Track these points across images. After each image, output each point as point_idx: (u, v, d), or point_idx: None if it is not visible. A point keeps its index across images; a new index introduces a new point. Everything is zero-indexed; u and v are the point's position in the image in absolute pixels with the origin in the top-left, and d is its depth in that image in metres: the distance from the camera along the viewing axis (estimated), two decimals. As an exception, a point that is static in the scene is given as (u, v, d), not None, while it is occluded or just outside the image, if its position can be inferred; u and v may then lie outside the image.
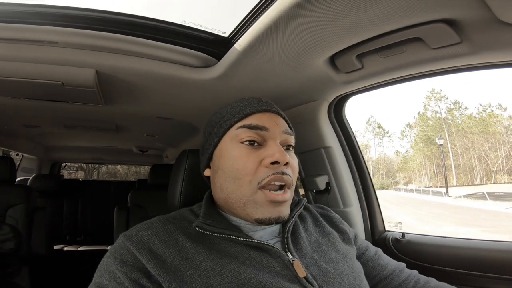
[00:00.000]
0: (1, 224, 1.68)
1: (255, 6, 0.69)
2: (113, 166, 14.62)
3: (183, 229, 0.55)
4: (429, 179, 29.14)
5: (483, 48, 0.61)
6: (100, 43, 0.76)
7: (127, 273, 0.48)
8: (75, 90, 0.93)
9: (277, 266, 0.53)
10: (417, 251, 0.99)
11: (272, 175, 0.54)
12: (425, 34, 0.60)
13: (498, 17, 0.50)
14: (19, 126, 2.02)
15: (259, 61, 0.79)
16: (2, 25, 0.71)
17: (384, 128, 34.61)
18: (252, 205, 0.54)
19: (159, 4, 0.79)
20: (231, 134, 0.58)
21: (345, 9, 0.56)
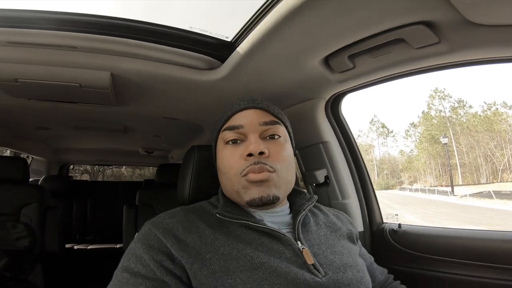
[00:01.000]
0: (16, 223, 1.73)
1: (255, 13, 0.76)
2: (118, 169, 14.68)
3: (202, 218, 0.61)
4: (434, 178, 28.91)
5: (460, 47, 0.67)
6: (115, 48, 0.84)
7: (153, 255, 0.53)
8: (91, 92, 1.01)
9: (288, 253, 0.58)
10: (413, 241, 1.04)
11: (249, 166, 0.60)
12: (407, 35, 0.67)
13: (467, 18, 0.56)
14: (31, 128, 2.09)
15: (259, 63, 0.86)
16: (25, 31, 0.78)
17: (387, 127, 34.40)
18: (241, 191, 0.62)
19: (168, 11, 0.87)
20: (220, 137, 0.68)
21: (334, 14, 0.63)
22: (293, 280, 0.53)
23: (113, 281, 0.54)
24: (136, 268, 0.53)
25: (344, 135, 1.15)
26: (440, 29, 0.64)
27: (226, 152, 0.65)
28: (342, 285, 0.57)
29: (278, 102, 1.14)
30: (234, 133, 0.64)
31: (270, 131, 0.65)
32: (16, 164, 1.86)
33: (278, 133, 0.66)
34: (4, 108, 1.44)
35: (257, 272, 0.53)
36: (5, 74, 0.91)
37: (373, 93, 35.35)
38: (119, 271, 0.54)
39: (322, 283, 0.55)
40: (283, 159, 0.64)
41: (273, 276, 0.53)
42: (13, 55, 0.84)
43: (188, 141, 2.49)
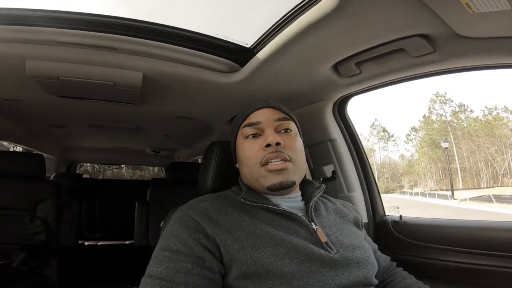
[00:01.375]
0: (33, 218, 1.76)
1: (275, 24, 0.87)
2: (118, 170, 14.68)
3: (229, 202, 0.69)
4: (435, 182, 28.91)
5: (451, 56, 0.78)
6: (150, 50, 0.95)
7: (191, 234, 0.60)
8: (122, 90, 1.11)
9: (304, 232, 0.65)
10: (413, 231, 1.12)
11: (268, 155, 0.69)
12: (407, 45, 0.78)
13: (456, 32, 0.67)
14: (45, 126, 2.16)
15: (276, 68, 0.97)
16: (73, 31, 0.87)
17: (388, 132, 34.42)
18: (261, 178, 0.70)
19: (198, 19, 0.98)
20: (240, 134, 0.76)
21: (345, 28, 0.74)
22: (310, 255, 0.60)
23: (153, 260, 0.59)
24: (176, 246, 0.59)
25: (349, 133, 1.26)
26: (435, 40, 0.74)
27: (246, 145, 0.73)
28: (352, 262, 0.63)
29: (290, 103, 1.25)
30: (253, 128, 0.73)
31: (283, 126, 0.74)
32: (33, 160, 1.90)
33: (290, 127, 0.75)
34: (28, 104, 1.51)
35: (278, 247, 0.59)
36: (49, 72, 1.00)
37: (375, 97, 35.90)
38: (160, 251, 0.60)
39: (335, 258, 0.61)
40: (297, 149, 0.72)
41: (293, 251, 0.59)
42: (59, 53, 0.94)
43: (196, 141, 2.58)
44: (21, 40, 0.90)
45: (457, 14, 0.60)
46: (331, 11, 0.67)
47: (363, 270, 0.65)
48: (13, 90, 1.29)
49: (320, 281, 0.58)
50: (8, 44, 0.91)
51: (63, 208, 1.91)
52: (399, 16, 0.68)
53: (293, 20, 0.77)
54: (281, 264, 0.57)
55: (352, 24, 0.72)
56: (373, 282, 0.67)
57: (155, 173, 7.89)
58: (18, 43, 0.91)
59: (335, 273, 0.60)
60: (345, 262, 0.62)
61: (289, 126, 0.75)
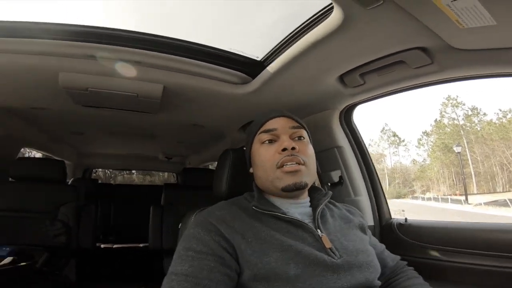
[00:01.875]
0: (54, 220, 1.82)
1: (283, 39, 0.95)
2: (129, 175, 14.93)
3: (243, 209, 0.74)
4: (448, 187, 28.27)
5: (448, 67, 0.84)
6: (170, 64, 1.04)
7: (212, 236, 0.65)
8: (144, 101, 1.20)
9: (310, 238, 0.69)
10: (418, 233, 1.15)
11: (284, 158, 0.73)
12: (407, 58, 0.84)
13: (451, 45, 0.73)
14: (66, 133, 2.29)
15: (285, 80, 1.04)
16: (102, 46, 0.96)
17: (399, 136, 33.94)
18: (276, 180, 0.74)
19: (214, 35, 1.06)
20: (257, 139, 0.81)
21: (350, 42, 0.81)
22: (314, 260, 0.64)
23: (177, 260, 0.64)
24: (198, 247, 0.64)
25: (356, 140, 1.31)
26: (432, 53, 0.80)
27: (262, 150, 0.78)
28: (354, 266, 0.67)
29: (298, 112, 1.31)
30: (269, 135, 0.78)
31: (297, 134, 0.79)
32: (56, 166, 1.98)
33: (303, 135, 0.80)
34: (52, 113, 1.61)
35: (285, 253, 0.64)
36: (79, 83, 1.10)
37: (385, 102, 36.10)
38: (183, 251, 0.65)
39: (338, 263, 0.65)
40: (309, 154, 0.78)
41: (298, 256, 0.64)
42: (88, 67, 1.03)
43: (206, 147, 2.68)
44: (55, 53, 0.99)
45: (449, 29, 0.67)
46: (336, 28, 0.74)
47: (365, 273, 0.68)
48: (41, 100, 1.39)
49: (323, 283, 0.62)
50: (42, 57, 1.01)
51: (81, 211, 1.98)
52: (398, 31, 0.75)
53: (300, 37, 0.85)
54: (287, 268, 0.62)
55: (355, 39, 0.79)
56: (375, 284, 0.71)
57: (165, 178, 8.00)
58: (53, 56, 1.00)
59: (338, 276, 0.64)
60: (347, 266, 0.66)
61: (302, 134, 0.80)
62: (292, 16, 0.91)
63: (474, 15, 0.59)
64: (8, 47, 0.96)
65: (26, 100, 1.40)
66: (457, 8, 0.58)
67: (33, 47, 0.97)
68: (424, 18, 0.65)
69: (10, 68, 1.06)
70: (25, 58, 1.00)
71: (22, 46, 0.96)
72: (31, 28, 0.94)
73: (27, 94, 1.31)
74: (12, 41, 0.95)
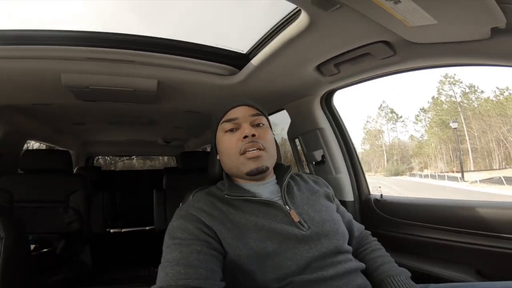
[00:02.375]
0: (67, 208, 1.93)
1: (264, 35, 1.05)
2: (129, 161, 15.03)
3: (218, 199, 0.80)
4: (445, 164, 28.58)
5: (407, 58, 0.95)
6: (163, 62, 1.14)
7: (195, 225, 0.71)
8: (141, 94, 1.32)
9: (280, 215, 0.75)
10: (393, 209, 1.26)
11: (245, 144, 0.79)
12: (372, 50, 0.95)
13: (405, 39, 0.84)
14: (68, 124, 2.37)
15: (269, 70, 1.15)
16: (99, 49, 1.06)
17: (397, 113, 33.88)
18: (240, 166, 0.81)
19: (198, 32, 1.16)
20: (220, 129, 0.86)
21: (324, 37, 0.91)
22: (286, 235, 0.71)
23: (166, 250, 0.68)
24: (183, 236, 0.69)
25: (336, 123, 1.44)
26: (394, 46, 0.91)
27: (226, 138, 0.84)
28: (322, 236, 0.74)
29: (282, 98, 1.44)
30: (231, 123, 0.83)
31: (257, 121, 0.85)
32: (62, 156, 2.07)
33: (262, 122, 0.86)
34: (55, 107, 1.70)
35: (261, 232, 0.71)
36: (81, 83, 1.20)
37: (382, 82, 35.50)
38: (170, 241, 0.69)
39: (307, 235, 0.73)
40: (269, 139, 0.84)
41: (273, 233, 0.71)
42: (88, 67, 1.14)
43: (203, 132, 2.79)
44: (57, 57, 1.09)
45: (400, 26, 0.77)
46: (305, 28, 0.85)
47: (333, 241, 0.75)
48: (44, 97, 1.49)
49: (297, 254, 0.70)
50: (45, 61, 1.10)
51: (90, 198, 2.08)
52: (360, 29, 0.85)
53: (278, 33, 0.95)
54: (265, 245, 0.69)
55: (325, 35, 0.90)
56: (345, 249, 0.78)
57: (165, 162, 8.06)
58: (55, 59, 1.10)
59: (309, 246, 0.72)
60: (316, 236, 0.74)
61: (261, 121, 0.86)
62: (272, 11, 1.01)
63: (417, 16, 0.69)
64: (13, 53, 1.05)
65: (30, 98, 1.49)
66: (401, 10, 0.68)
67: (37, 52, 1.06)
68: (377, 18, 0.75)
69: (15, 72, 1.15)
70: (30, 62, 1.09)
71: (26, 52, 1.06)
72: (34, 36, 1.03)
73: (31, 93, 1.41)
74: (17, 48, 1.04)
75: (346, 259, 0.76)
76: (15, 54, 1.06)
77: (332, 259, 0.73)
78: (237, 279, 0.70)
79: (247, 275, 0.69)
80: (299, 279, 0.69)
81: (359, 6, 0.69)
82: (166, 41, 1.11)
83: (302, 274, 0.69)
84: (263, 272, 0.68)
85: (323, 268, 0.71)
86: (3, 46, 1.03)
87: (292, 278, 0.68)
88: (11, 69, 1.13)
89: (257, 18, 1.11)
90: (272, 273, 0.68)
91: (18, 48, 1.03)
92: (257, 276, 0.68)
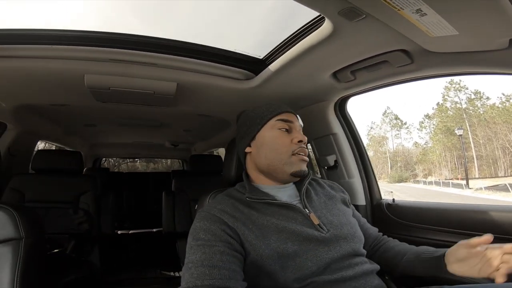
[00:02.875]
0: (77, 209, 1.92)
1: (282, 42, 1.08)
2: (132, 163, 15.01)
3: (239, 201, 0.81)
4: (450, 171, 28.37)
5: (425, 66, 0.97)
6: (183, 65, 1.17)
7: (219, 226, 0.72)
8: (159, 97, 1.34)
9: (300, 218, 0.78)
10: (404, 213, 1.27)
11: (299, 148, 0.83)
12: (390, 58, 0.97)
13: (425, 48, 0.86)
14: (80, 126, 2.38)
15: (285, 76, 1.18)
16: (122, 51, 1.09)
17: (401, 119, 33.78)
18: (288, 164, 0.83)
19: (221, 37, 1.19)
20: (270, 124, 0.87)
21: (343, 46, 0.93)
22: (306, 236, 0.74)
23: (189, 251, 0.69)
24: (207, 237, 0.70)
25: (349, 128, 1.46)
26: (411, 54, 0.93)
27: (279, 134, 0.85)
28: (340, 238, 0.77)
29: (297, 103, 1.46)
30: (286, 124, 0.86)
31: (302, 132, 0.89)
32: (73, 157, 2.08)
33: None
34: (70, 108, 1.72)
35: (282, 233, 0.73)
36: (103, 84, 1.23)
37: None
38: (193, 242, 0.70)
39: (326, 237, 0.75)
40: None
41: (293, 235, 0.73)
42: (111, 69, 1.16)
43: (211, 135, 2.79)
44: (82, 57, 1.12)
45: (422, 37, 0.79)
46: (327, 37, 0.87)
47: (351, 244, 0.77)
48: (64, 97, 1.51)
49: (317, 256, 0.72)
50: (70, 61, 1.12)
51: (100, 199, 2.09)
52: (381, 38, 0.87)
53: (297, 41, 0.98)
54: (286, 246, 0.71)
55: (345, 44, 0.92)
56: (361, 252, 0.80)
57: (168, 165, 8.06)
58: (80, 60, 1.12)
59: (328, 248, 0.74)
60: (335, 238, 0.76)
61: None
62: (290, 16, 1.03)
63: (440, 27, 0.72)
64: (38, 53, 1.07)
65: (49, 98, 1.52)
66: (425, 22, 0.70)
67: (61, 53, 1.08)
68: (401, 29, 0.77)
69: (38, 71, 1.17)
70: (54, 62, 1.11)
71: (51, 52, 1.08)
72: (59, 36, 1.06)
73: (52, 93, 1.43)
74: (42, 48, 1.06)
75: (362, 261, 0.78)
76: (39, 54, 1.08)
77: (350, 260, 0.75)
78: (258, 280, 0.72)
79: (268, 276, 0.70)
80: (320, 279, 0.70)
81: (384, 16, 0.71)
82: (187, 45, 1.14)
83: (322, 275, 0.71)
84: (284, 272, 0.70)
85: (342, 269, 0.73)
86: (28, 46, 1.05)
87: (312, 278, 0.70)
88: (34, 69, 1.14)
89: (275, 24, 1.14)
90: (293, 273, 0.70)
91: (43, 47, 1.05)
92: (279, 277, 0.70)
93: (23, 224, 0.96)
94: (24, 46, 1.05)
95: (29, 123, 1.93)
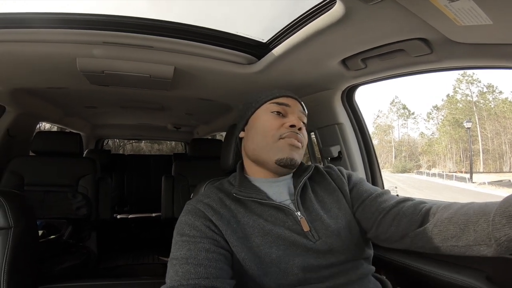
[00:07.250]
0: (75, 193, 1.90)
1: (288, 25, 0.99)
2: (137, 144, 15.09)
3: (227, 195, 0.76)
4: (454, 163, 28.15)
5: (446, 57, 0.88)
6: (181, 48, 1.10)
7: (203, 222, 0.68)
8: (156, 81, 1.28)
9: (290, 221, 0.71)
10: None
11: (290, 132, 0.75)
12: (407, 47, 0.88)
13: (449, 38, 0.77)
14: (80, 107, 2.35)
15: (289, 61, 1.10)
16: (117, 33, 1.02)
17: (409, 109, 33.26)
18: (274, 150, 0.75)
19: (220, 19, 1.11)
20: (264, 107, 0.80)
21: (354, 31, 0.84)
22: (293, 243, 0.68)
23: (174, 246, 0.66)
24: (191, 232, 0.67)
25: (356, 118, 1.38)
26: (432, 44, 0.84)
27: (269, 117, 0.78)
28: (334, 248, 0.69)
29: (301, 90, 1.38)
30: (281, 107, 0.78)
31: (303, 119, 0.81)
32: (73, 139, 2.03)
33: (305, 122, 0.82)
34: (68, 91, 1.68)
35: (266, 237, 0.68)
36: (96, 67, 1.17)
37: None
38: (178, 237, 0.67)
39: (315, 246, 0.68)
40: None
41: (279, 240, 0.68)
42: (104, 52, 1.10)
43: (214, 119, 2.74)
44: (73, 41, 1.06)
45: (447, 25, 0.71)
46: (338, 20, 0.78)
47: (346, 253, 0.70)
48: (58, 81, 1.46)
49: (305, 261, 0.67)
50: (61, 44, 1.07)
51: (99, 183, 2.04)
52: (399, 24, 0.79)
53: (304, 24, 0.89)
54: (270, 251, 0.66)
55: (357, 29, 0.83)
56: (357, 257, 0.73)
57: (173, 146, 8.07)
58: (71, 43, 1.07)
59: (317, 256, 0.68)
60: (327, 248, 0.69)
61: (304, 121, 0.82)
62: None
63: (471, 15, 0.63)
64: (29, 37, 1.02)
65: (45, 82, 1.47)
66: (455, 8, 0.61)
67: (52, 36, 1.02)
68: (423, 15, 0.69)
69: (31, 55, 1.12)
70: (45, 46, 1.06)
71: (42, 36, 1.02)
72: (50, 19, 0.99)
73: (46, 77, 1.39)
74: (33, 32, 1.01)
75: (357, 265, 0.72)
76: (30, 38, 1.03)
77: (344, 265, 0.70)
78: (244, 281, 0.68)
79: (253, 279, 0.67)
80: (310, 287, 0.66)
81: (405, 0, 0.63)
82: (185, 27, 1.06)
83: (311, 283, 0.66)
84: (268, 278, 0.66)
85: (334, 276, 0.68)
86: (19, 30, 1.00)
87: (300, 286, 0.66)
88: (26, 53, 1.10)
89: (280, 5, 1.05)
90: (278, 279, 0.66)
91: (34, 31, 1.00)
92: (263, 282, 0.66)
93: (12, 212, 0.92)
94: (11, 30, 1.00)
95: (28, 105, 1.90)
